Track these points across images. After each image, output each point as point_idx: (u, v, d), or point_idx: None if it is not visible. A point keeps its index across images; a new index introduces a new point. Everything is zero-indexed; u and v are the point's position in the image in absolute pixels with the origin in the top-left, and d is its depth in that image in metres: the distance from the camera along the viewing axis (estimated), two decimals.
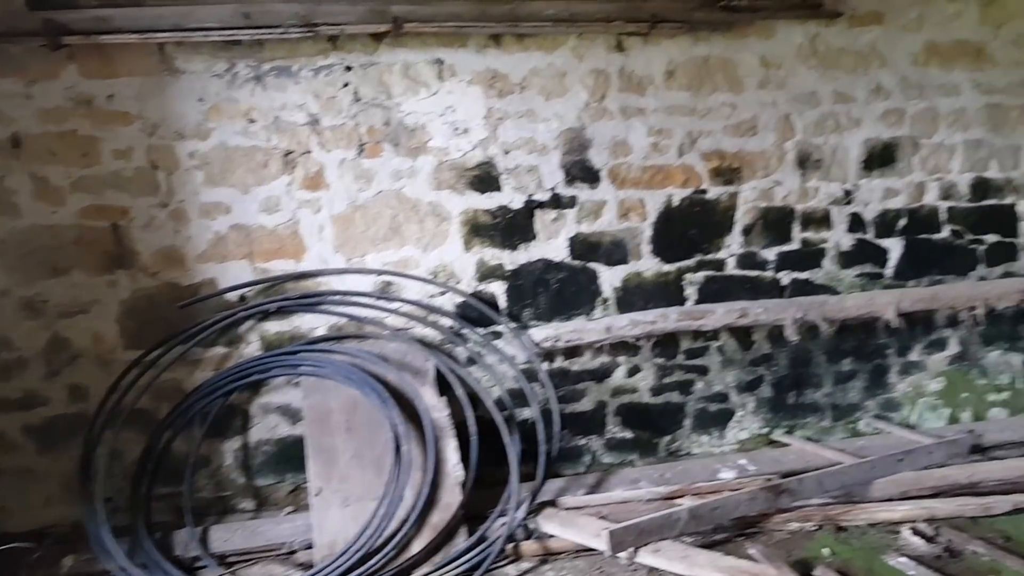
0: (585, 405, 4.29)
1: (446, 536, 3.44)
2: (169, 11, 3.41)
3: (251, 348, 3.83)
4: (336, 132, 3.77)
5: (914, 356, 4.64)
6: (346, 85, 3.75)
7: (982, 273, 4.65)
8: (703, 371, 4.41)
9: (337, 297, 3.86)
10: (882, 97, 4.34)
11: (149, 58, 3.52)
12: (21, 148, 3.46)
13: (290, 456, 3.89)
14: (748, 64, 4.16)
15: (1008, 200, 4.61)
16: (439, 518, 3.46)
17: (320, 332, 3.89)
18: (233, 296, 3.77)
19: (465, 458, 3.63)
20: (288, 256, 3.81)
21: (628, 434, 4.36)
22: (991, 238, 4.63)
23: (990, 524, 3.67)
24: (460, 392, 3.80)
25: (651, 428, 4.40)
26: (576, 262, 4.16)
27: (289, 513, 3.85)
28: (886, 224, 4.49)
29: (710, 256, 4.32)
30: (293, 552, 3.53)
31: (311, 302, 3.83)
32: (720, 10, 3.96)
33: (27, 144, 3.47)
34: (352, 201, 3.83)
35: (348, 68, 3.74)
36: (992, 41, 4.42)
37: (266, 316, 3.81)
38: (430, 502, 3.47)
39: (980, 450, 4.31)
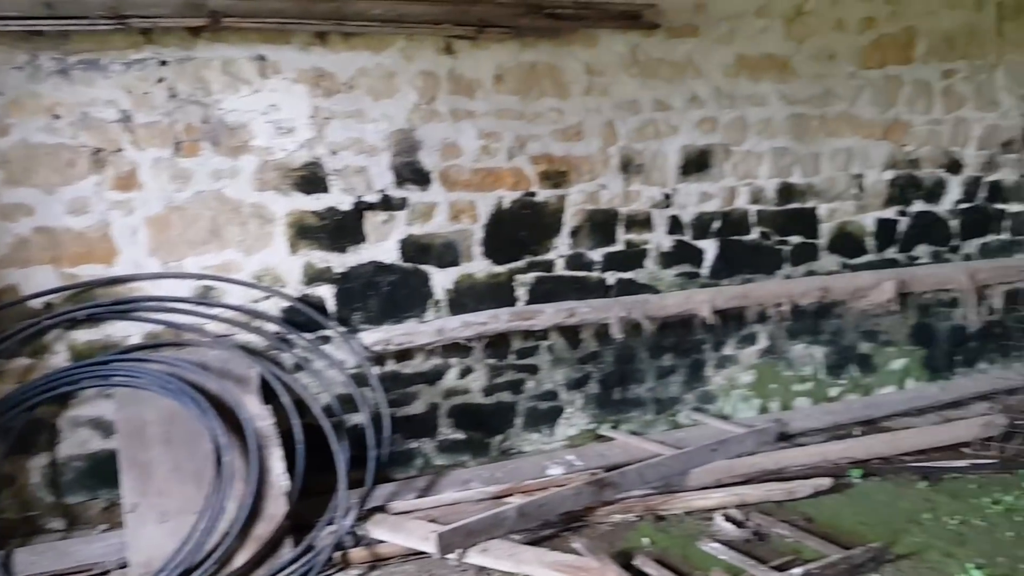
0: (417, 408, 4.36)
1: (271, 547, 3.42)
2: None
3: (58, 358, 3.65)
4: (150, 129, 3.64)
5: (728, 350, 5.00)
6: (161, 80, 3.63)
7: (787, 272, 5.07)
8: (533, 370, 4.58)
9: (152, 303, 3.73)
10: (697, 106, 4.65)
11: None
12: None
13: (103, 472, 3.72)
14: (573, 71, 4.34)
15: (810, 204, 5.05)
16: (264, 529, 3.43)
17: (135, 340, 3.75)
18: (37, 303, 3.58)
19: (292, 467, 3.62)
20: (98, 260, 3.65)
21: (460, 435, 4.47)
22: (795, 239, 5.06)
23: (794, 507, 4.01)
24: (286, 399, 3.77)
25: (483, 428, 4.52)
26: (407, 264, 4.21)
27: (103, 531, 3.70)
28: (702, 226, 4.81)
29: (540, 257, 4.48)
30: (107, 572, 3.41)
31: (124, 309, 3.68)
32: (545, 17, 4.11)
33: None
34: (168, 202, 3.72)
35: (163, 63, 3.62)
36: (795, 55, 4.82)
37: (74, 324, 3.63)
38: (254, 513, 3.43)
39: (786, 437, 4.73)
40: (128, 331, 3.74)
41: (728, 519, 3.87)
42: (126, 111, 3.59)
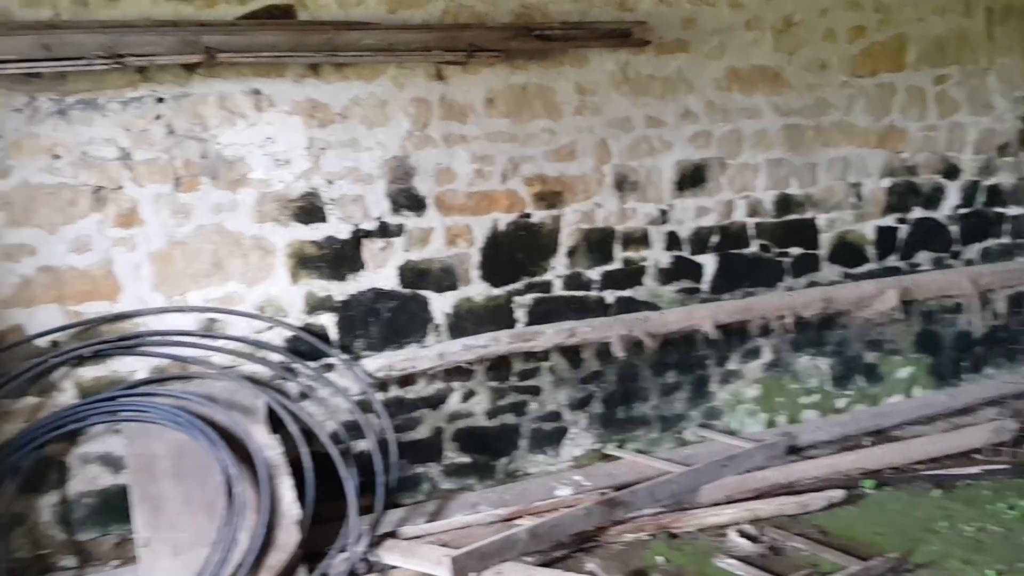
0: (422, 433, 4.59)
1: None
2: None
3: (66, 396, 3.88)
4: (150, 166, 3.90)
5: (732, 365, 5.25)
6: (159, 117, 3.89)
7: (789, 284, 5.33)
8: (536, 391, 4.82)
9: (157, 337, 3.98)
10: (691, 120, 4.93)
11: None
12: None
13: (114, 507, 3.95)
14: (564, 91, 4.62)
15: (808, 215, 5.33)
16: (277, 559, 3.65)
17: (141, 375, 3.99)
18: (43, 342, 3.82)
19: (302, 496, 3.85)
20: (103, 297, 3.89)
21: (466, 459, 4.70)
22: (795, 251, 5.33)
23: (808, 520, 4.22)
24: (293, 428, 4.01)
25: (488, 451, 4.75)
26: (406, 290, 4.46)
27: (116, 567, 3.92)
28: (700, 241, 5.08)
29: (538, 278, 4.74)
30: None
31: (129, 344, 3.93)
32: (534, 39, 4.39)
33: None
34: (170, 237, 3.97)
35: (160, 100, 3.89)
36: (787, 67, 5.12)
37: (81, 361, 3.87)
38: (267, 543, 3.65)
39: (796, 451, 4.95)
40: (134, 366, 3.98)
41: (742, 534, 4.08)
42: (125, 149, 3.85)
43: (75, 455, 3.93)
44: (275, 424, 4.04)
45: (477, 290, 4.61)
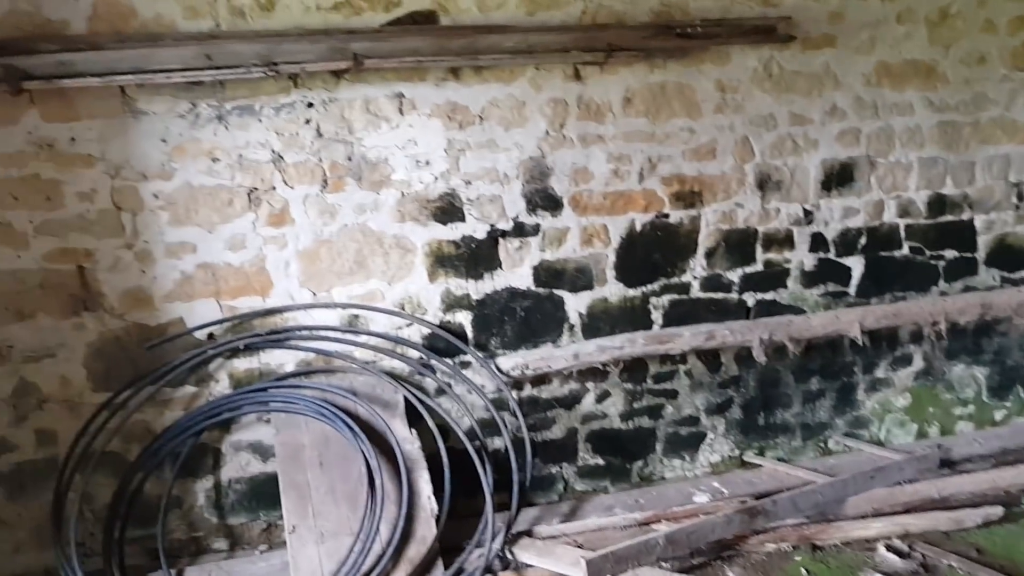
0: (556, 433, 4.66)
1: (423, 570, 3.76)
2: (130, 54, 3.71)
3: (220, 386, 4.14)
4: (300, 168, 4.12)
5: (880, 373, 5.09)
6: (308, 121, 4.10)
7: (943, 288, 5.13)
8: (672, 395, 4.81)
9: (305, 332, 4.19)
10: (838, 118, 4.81)
11: (111, 100, 3.83)
12: None
13: (262, 494, 4.21)
14: (704, 89, 4.59)
15: (965, 216, 5.11)
16: (415, 551, 3.78)
17: (289, 368, 4.21)
18: (201, 335, 4.08)
19: (438, 490, 3.97)
20: (255, 293, 4.13)
21: (600, 461, 4.74)
22: (950, 254, 5.12)
23: (963, 538, 4.08)
24: (431, 423, 4.15)
25: (623, 454, 4.78)
26: (541, 289, 4.54)
27: (264, 552, 4.16)
28: (847, 243, 4.95)
29: (675, 279, 4.73)
30: None
31: (279, 338, 4.16)
32: (675, 37, 4.37)
33: None
34: (317, 236, 4.17)
35: (310, 105, 4.09)
36: (942, 60, 4.92)
37: (235, 353, 4.13)
38: (406, 536, 3.80)
39: (949, 464, 4.76)
40: (283, 359, 4.21)
41: (891, 549, 3.98)
42: (277, 152, 4.07)
43: (228, 442, 4.19)
44: (413, 419, 4.19)
45: (612, 290, 4.64)
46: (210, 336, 4.10)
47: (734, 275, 4.81)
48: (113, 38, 3.72)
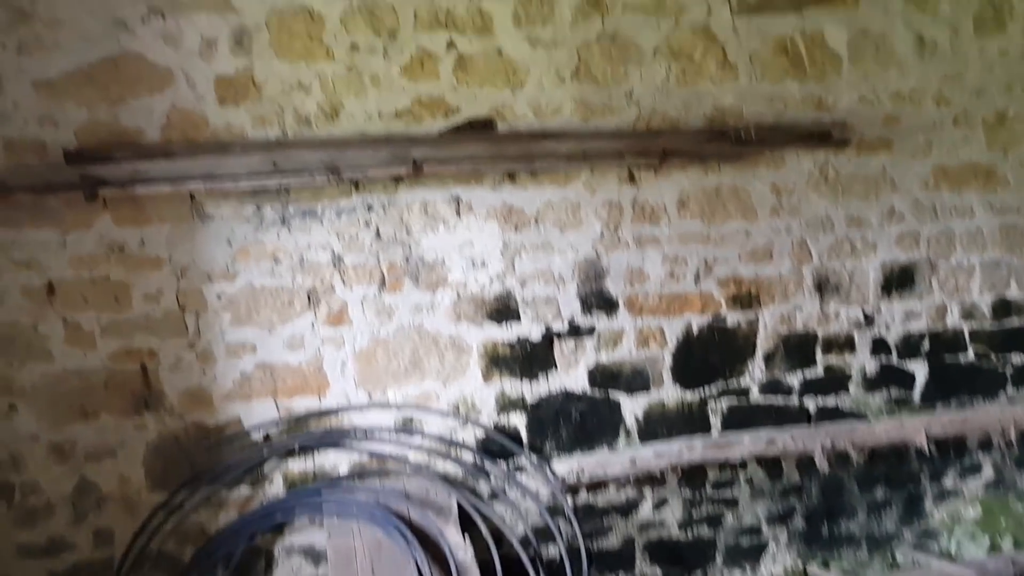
0: (612, 541, 4.58)
1: None
2: (201, 162, 3.92)
3: (275, 487, 4.17)
4: (358, 269, 4.23)
5: (948, 482, 4.96)
6: (367, 224, 4.24)
7: (1011, 394, 5.02)
8: (732, 503, 4.72)
9: (359, 433, 4.23)
10: (896, 220, 4.83)
11: (180, 205, 4.01)
12: (55, 295, 3.91)
13: None
14: (760, 192, 4.67)
15: None
16: None
17: (343, 469, 4.24)
18: (257, 435, 4.15)
19: None
20: (311, 392, 4.20)
21: (658, 571, 4.64)
22: (1017, 359, 5.03)
23: None
24: (484, 529, 4.12)
25: (681, 564, 4.67)
26: (597, 392, 4.54)
27: None
28: (910, 347, 4.90)
29: (733, 383, 4.70)
30: None
31: (333, 439, 4.20)
32: (729, 143, 4.48)
33: (60, 291, 3.91)
34: (374, 336, 4.26)
35: (369, 208, 4.24)
36: (1002, 163, 4.95)
37: (289, 454, 4.18)
38: None
39: None
40: (337, 460, 4.24)
41: None
42: (337, 253, 4.20)
43: (280, 546, 4.19)
44: (466, 522, 4.16)
45: (669, 393, 4.63)
46: (266, 437, 4.16)
47: (794, 379, 4.77)
48: (185, 146, 3.93)
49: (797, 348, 4.76)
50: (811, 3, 4.63)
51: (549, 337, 4.48)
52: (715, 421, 4.69)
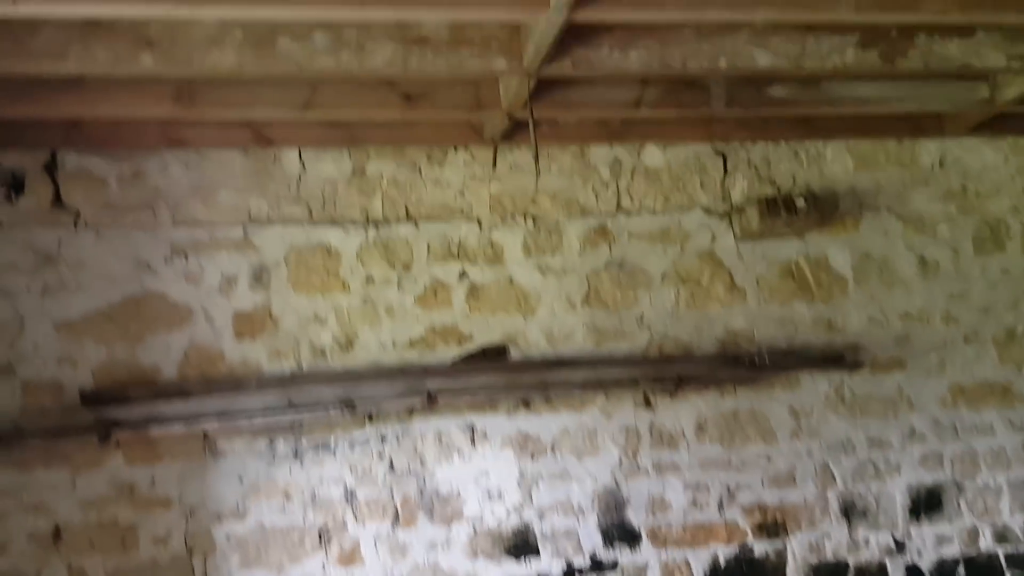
0: None
1: None
2: (216, 401, 3.94)
3: None
4: (371, 504, 4.15)
5: None
6: (381, 456, 4.19)
7: None
8: None
9: None
10: (917, 441, 4.78)
11: (193, 444, 3.99)
12: (61, 540, 3.82)
13: None
14: (778, 415, 4.65)
15: None
16: None
17: None
18: None
19: None
20: None
21: None
22: None
23: None
24: None
25: None
26: None
27: None
28: (945, 573, 4.71)
29: None
30: None
31: None
32: (743, 368, 4.54)
33: (67, 535, 3.82)
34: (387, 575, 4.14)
35: (383, 439, 4.21)
36: (1017, 379, 4.96)
37: None
38: None
39: None
40: None
41: None
42: (350, 487, 4.13)
43: None
44: None
45: None
46: None
47: None
48: (201, 384, 3.97)
49: None
50: (812, 229, 4.81)
51: (570, 572, 4.34)
52: None
